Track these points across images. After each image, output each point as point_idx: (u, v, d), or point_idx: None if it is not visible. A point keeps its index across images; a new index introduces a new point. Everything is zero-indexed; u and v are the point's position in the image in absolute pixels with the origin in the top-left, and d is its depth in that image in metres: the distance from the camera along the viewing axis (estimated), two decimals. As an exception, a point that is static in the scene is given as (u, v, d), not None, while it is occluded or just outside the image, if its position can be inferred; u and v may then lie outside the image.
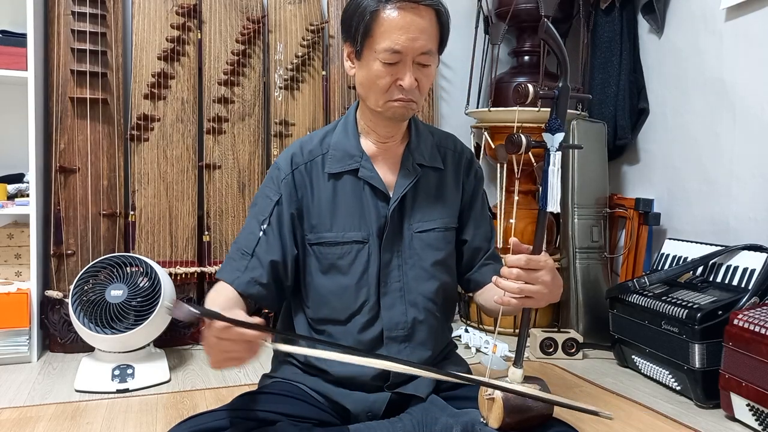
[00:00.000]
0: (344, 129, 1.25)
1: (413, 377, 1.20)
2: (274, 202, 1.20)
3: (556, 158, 1.06)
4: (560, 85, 1.06)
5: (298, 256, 1.22)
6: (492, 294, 1.23)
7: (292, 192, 1.20)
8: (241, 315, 0.91)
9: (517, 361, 1.08)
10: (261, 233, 1.19)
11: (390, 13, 1.08)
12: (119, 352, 1.89)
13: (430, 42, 1.11)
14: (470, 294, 1.37)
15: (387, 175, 1.23)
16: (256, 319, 0.90)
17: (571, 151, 2.46)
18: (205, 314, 0.88)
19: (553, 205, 1.07)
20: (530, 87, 1.05)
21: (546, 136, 1.08)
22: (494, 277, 1.09)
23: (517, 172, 2.42)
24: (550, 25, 1.05)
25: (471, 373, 1.26)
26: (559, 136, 1.07)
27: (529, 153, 1.14)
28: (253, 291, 1.17)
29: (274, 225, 1.19)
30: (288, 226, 1.20)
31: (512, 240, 1.06)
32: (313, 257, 1.21)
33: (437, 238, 1.25)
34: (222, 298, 1.14)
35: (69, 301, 1.88)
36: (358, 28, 1.12)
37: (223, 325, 0.87)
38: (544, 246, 1.08)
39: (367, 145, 1.23)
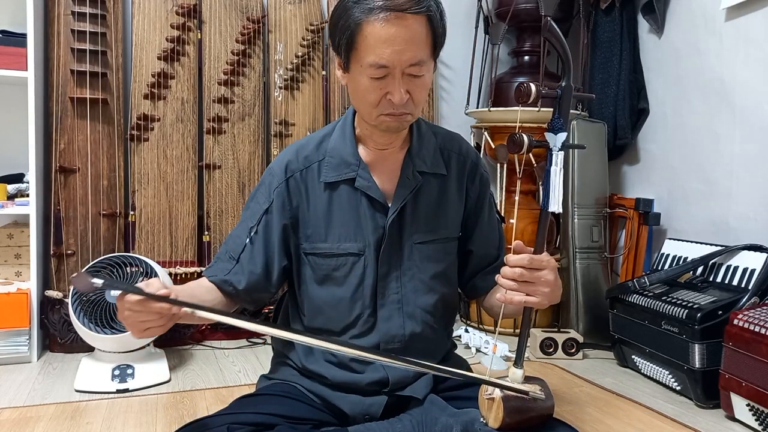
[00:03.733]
0: (342, 134, 1.19)
1: (411, 382, 1.19)
2: (263, 210, 1.18)
3: (558, 158, 1.05)
4: (563, 84, 1.05)
5: (289, 265, 1.21)
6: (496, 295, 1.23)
7: (285, 201, 1.17)
8: (154, 285, 0.95)
9: (518, 362, 1.08)
10: (248, 241, 1.18)
11: (374, 25, 1.00)
12: (119, 352, 1.89)
13: (420, 52, 1.03)
14: (474, 300, 1.35)
15: (385, 184, 1.17)
16: (163, 291, 0.93)
17: (571, 150, 2.45)
18: (107, 287, 0.94)
19: (555, 205, 1.05)
20: (533, 86, 1.03)
21: (548, 136, 1.06)
22: (496, 276, 1.07)
23: (519, 172, 2.42)
24: (554, 24, 1.04)
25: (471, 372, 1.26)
26: (562, 136, 1.05)
27: (530, 153, 1.13)
28: (227, 289, 1.19)
29: (260, 234, 1.17)
30: (277, 236, 1.17)
31: (515, 242, 1.05)
32: (308, 267, 1.19)
33: (437, 249, 1.21)
34: (194, 283, 1.18)
35: (69, 301, 1.88)
36: (342, 40, 1.05)
37: (133, 298, 0.91)
38: (545, 246, 1.08)
39: (365, 151, 1.18)
